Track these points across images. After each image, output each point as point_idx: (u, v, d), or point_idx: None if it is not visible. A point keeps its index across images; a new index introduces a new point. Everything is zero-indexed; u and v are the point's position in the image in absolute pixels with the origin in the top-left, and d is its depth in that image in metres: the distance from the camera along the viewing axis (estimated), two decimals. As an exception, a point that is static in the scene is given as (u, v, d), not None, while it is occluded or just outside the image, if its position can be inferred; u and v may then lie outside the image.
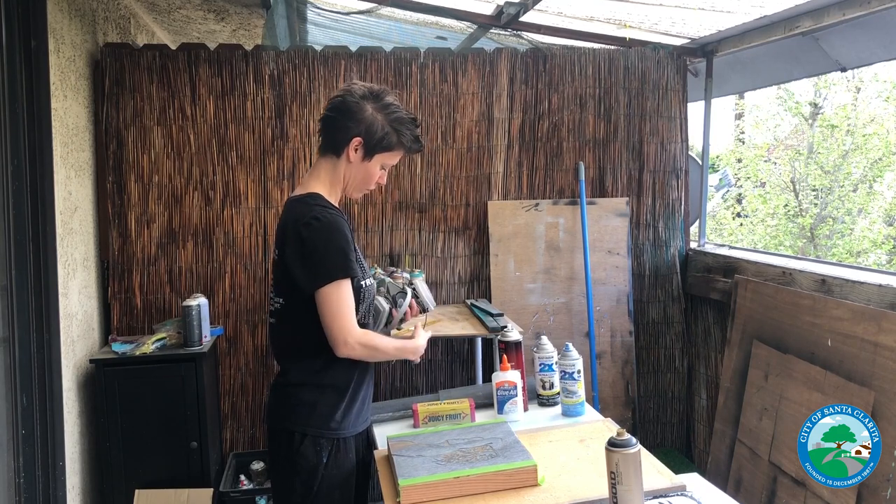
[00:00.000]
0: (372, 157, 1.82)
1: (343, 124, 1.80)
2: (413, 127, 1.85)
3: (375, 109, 1.80)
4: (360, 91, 1.81)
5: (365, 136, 1.79)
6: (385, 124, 1.80)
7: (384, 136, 1.81)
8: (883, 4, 2.69)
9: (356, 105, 1.79)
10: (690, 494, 1.54)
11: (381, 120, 1.80)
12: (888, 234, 8.71)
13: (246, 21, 4.49)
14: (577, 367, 2.08)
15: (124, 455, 3.02)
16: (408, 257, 3.71)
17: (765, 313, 3.10)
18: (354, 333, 1.72)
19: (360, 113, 1.79)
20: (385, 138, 1.81)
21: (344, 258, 1.73)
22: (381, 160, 1.85)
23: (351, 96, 1.80)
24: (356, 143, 1.80)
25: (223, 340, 3.55)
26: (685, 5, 3.13)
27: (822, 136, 9.41)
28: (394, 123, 1.81)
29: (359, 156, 1.81)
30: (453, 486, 1.56)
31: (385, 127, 1.80)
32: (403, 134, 1.83)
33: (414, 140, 1.86)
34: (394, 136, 1.82)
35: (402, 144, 1.84)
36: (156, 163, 3.47)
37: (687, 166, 3.96)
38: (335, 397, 1.80)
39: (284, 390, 1.83)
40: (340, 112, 1.80)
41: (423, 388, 3.73)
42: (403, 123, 1.83)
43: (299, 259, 1.73)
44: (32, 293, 2.47)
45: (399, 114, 1.82)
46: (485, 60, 3.73)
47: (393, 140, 1.82)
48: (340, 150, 1.81)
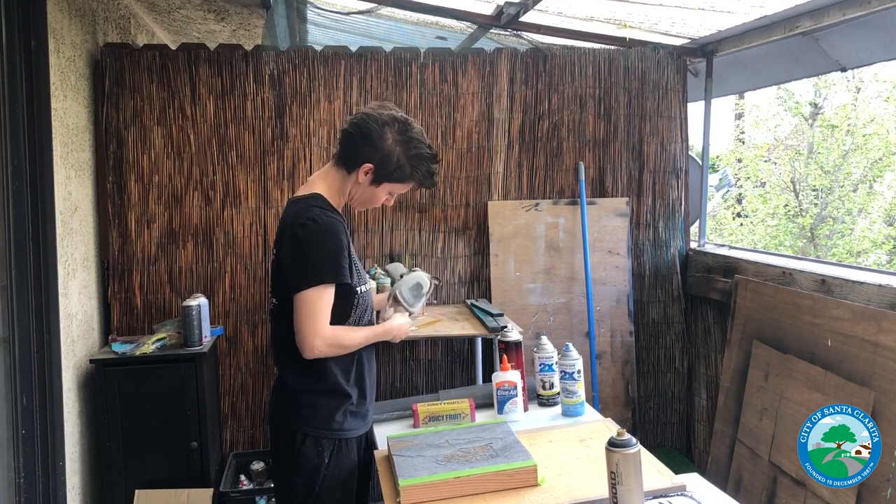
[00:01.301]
0: (380, 185, 1.81)
1: (359, 147, 1.78)
2: (431, 164, 1.82)
3: (396, 141, 1.77)
4: (387, 117, 1.78)
5: (377, 165, 1.78)
6: (402, 157, 1.78)
7: (397, 168, 1.79)
8: (883, 4, 2.69)
9: (377, 132, 1.76)
10: (690, 494, 1.54)
11: (399, 152, 1.77)
12: (888, 234, 8.71)
13: (246, 21, 4.49)
14: (577, 367, 2.08)
15: (124, 455, 3.02)
16: (408, 257, 3.71)
17: (765, 313, 3.10)
18: (322, 334, 1.70)
19: (379, 141, 1.76)
20: (398, 171, 1.79)
21: (334, 262, 1.72)
22: (389, 188, 1.84)
23: (375, 122, 1.77)
24: (367, 168, 1.78)
25: (223, 340, 3.55)
26: (685, 5, 3.13)
27: (822, 136, 9.41)
28: (412, 160, 1.79)
29: (367, 179, 1.80)
30: (453, 486, 1.56)
31: (401, 160, 1.78)
32: (418, 170, 1.81)
33: (428, 176, 1.83)
34: (407, 170, 1.80)
35: (414, 179, 1.83)
36: (156, 163, 3.47)
37: (687, 166, 3.96)
38: (337, 398, 1.81)
39: (285, 391, 1.83)
40: (361, 133, 1.77)
41: (423, 388, 3.73)
42: (422, 160, 1.80)
43: (291, 258, 1.73)
44: (32, 293, 2.47)
45: (420, 150, 1.79)
46: (485, 60, 3.73)
47: (406, 173, 1.81)
48: (352, 169, 1.80)
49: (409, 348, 3.71)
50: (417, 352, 3.73)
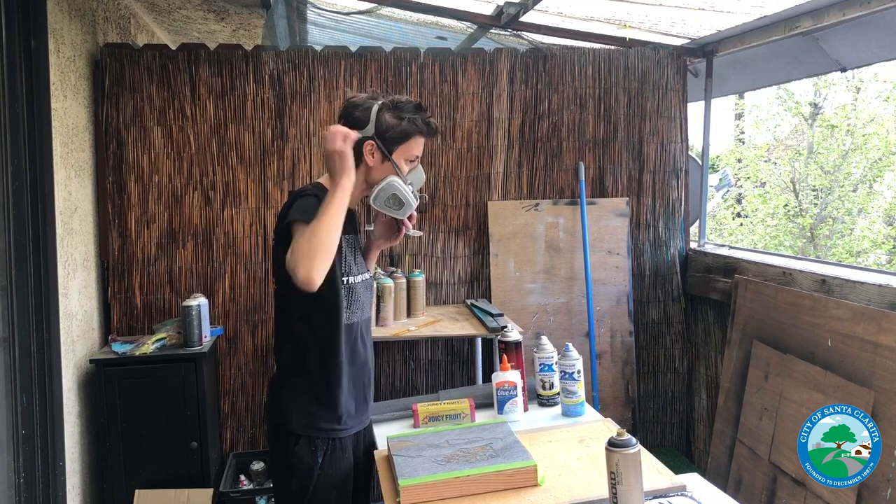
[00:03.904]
0: (392, 154, 1.80)
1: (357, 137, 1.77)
2: (422, 112, 1.82)
3: (382, 109, 1.79)
4: (363, 96, 1.81)
5: (378, 137, 1.78)
6: (394, 119, 1.78)
7: (397, 129, 1.78)
8: (883, 4, 2.69)
9: (363, 111, 1.78)
10: (690, 494, 1.54)
11: (389, 116, 1.78)
12: (888, 234, 8.71)
13: (246, 21, 4.49)
14: (577, 367, 2.08)
15: (124, 455, 3.02)
16: (407, 257, 3.71)
17: (765, 313, 3.10)
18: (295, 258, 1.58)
19: (368, 116, 1.77)
20: (399, 132, 1.79)
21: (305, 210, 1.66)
22: (402, 154, 1.81)
23: (355, 106, 1.79)
24: (370, 146, 1.78)
25: (223, 340, 3.55)
26: (685, 5, 3.13)
27: (822, 136, 9.42)
28: (404, 115, 1.79)
29: (378, 157, 1.79)
30: (453, 486, 1.56)
31: (395, 121, 1.78)
32: (415, 122, 1.80)
33: (426, 124, 1.82)
34: (406, 125, 1.79)
35: (418, 130, 1.81)
36: (156, 163, 3.47)
37: (687, 166, 3.96)
38: (329, 398, 1.80)
39: (280, 390, 1.83)
40: (352, 120, 1.78)
41: (423, 388, 3.73)
42: (413, 111, 1.80)
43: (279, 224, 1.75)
44: (32, 293, 2.47)
45: (407, 105, 1.80)
46: (485, 60, 3.73)
47: (407, 130, 1.79)
48: (359, 159, 1.78)
49: (409, 348, 3.71)
50: (417, 352, 3.73)
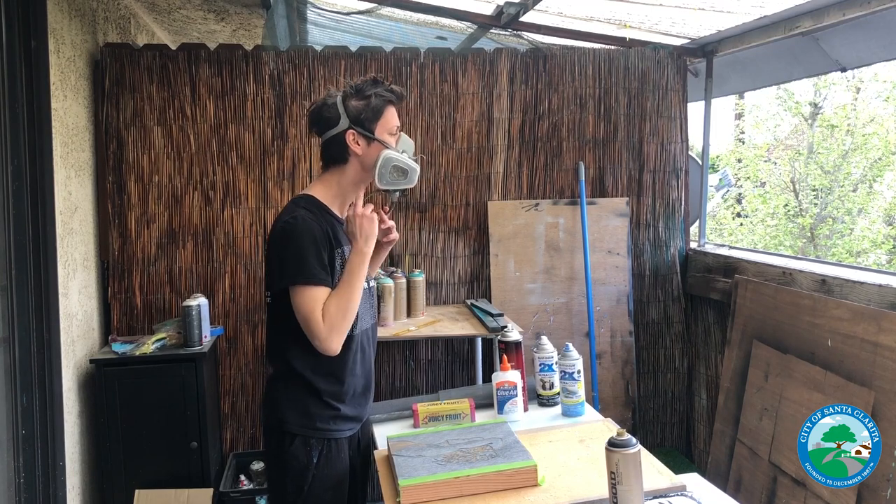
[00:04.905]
0: (375, 134, 1.82)
1: (330, 130, 1.82)
2: (379, 84, 1.85)
3: (346, 97, 1.83)
4: (324, 96, 1.87)
5: (356, 123, 1.81)
6: (361, 100, 1.82)
7: (368, 109, 1.82)
8: (883, 4, 2.69)
9: (331, 107, 1.83)
10: (690, 494, 1.54)
11: (356, 100, 1.82)
12: (888, 234, 8.71)
13: (246, 21, 4.49)
14: (577, 367, 2.08)
15: (124, 455, 3.01)
16: (408, 257, 3.71)
17: (765, 313, 3.10)
18: (319, 335, 1.70)
19: (337, 111, 1.82)
20: (371, 110, 1.82)
21: (300, 264, 1.71)
22: (384, 129, 1.84)
23: (321, 106, 1.85)
24: (351, 135, 1.81)
25: (223, 340, 3.55)
26: (685, 5, 3.13)
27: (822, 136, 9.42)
28: (363, 94, 1.82)
29: (363, 143, 1.82)
30: (453, 486, 1.56)
31: (362, 103, 1.82)
32: (381, 95, 1.83)
33: (390, 91, 1.85)
34: (375, 101, 1.82)
35: (386, 102, 1.84)
36: (156, 163, 3.47)
37: (687, 166, 3.96)
38: (326, 397, 1.80)
39: (275, 390, 1.83)
40: (323, 121, 1.84)
41: (423, 388, 3.73)
42: (374, 86, 1.83)
43: (268, 256, 1.81)
44: (32, 293, 2.47)
45: (358, 84, 1.84)
46: (485, 60, 3.73)
47: (377, 105, 1.83)
48: (345, 155, 1.83)
49: (409, 348, 3.71)
50: (417, 352, 3.73)
